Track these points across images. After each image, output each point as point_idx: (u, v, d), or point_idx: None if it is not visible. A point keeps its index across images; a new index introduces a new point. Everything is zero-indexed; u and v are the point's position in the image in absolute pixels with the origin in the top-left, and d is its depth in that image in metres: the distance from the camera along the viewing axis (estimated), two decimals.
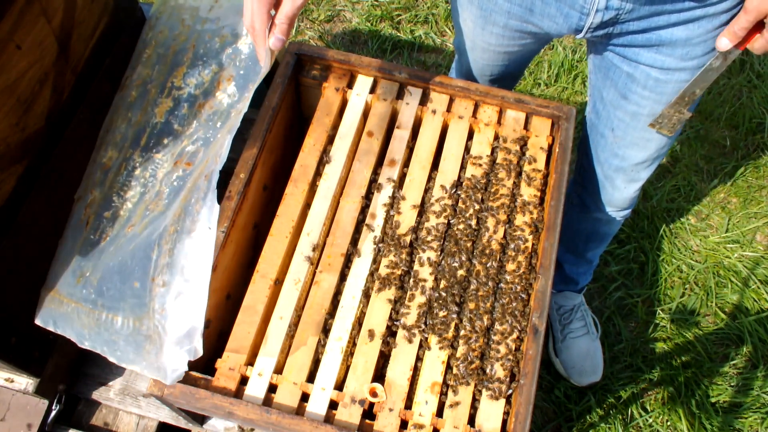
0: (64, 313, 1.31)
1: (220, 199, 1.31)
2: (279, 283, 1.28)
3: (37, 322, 1.32)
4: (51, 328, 1.32)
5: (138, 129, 1.46)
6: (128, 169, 1.44)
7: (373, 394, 1.18)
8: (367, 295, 1.28)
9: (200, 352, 1.14)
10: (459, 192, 1.37)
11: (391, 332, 1.25)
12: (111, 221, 1.40)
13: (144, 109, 1.47)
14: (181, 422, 1.47)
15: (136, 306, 1.22)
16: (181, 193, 1.31)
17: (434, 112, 1.45)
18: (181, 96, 1.48)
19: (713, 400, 2.14)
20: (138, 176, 1.43)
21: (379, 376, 1.23)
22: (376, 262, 1.31)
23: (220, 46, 1.53)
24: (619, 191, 1.63)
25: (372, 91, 1.47)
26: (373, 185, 1.38)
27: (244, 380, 1.20)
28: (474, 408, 1.19)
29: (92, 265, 1.34)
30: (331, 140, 1.42)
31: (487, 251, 1.31)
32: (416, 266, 1.30)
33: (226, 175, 1.31)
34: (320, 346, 1.23)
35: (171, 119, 1.46)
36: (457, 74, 1.79)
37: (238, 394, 1.19)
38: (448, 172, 1.39)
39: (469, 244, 1.32)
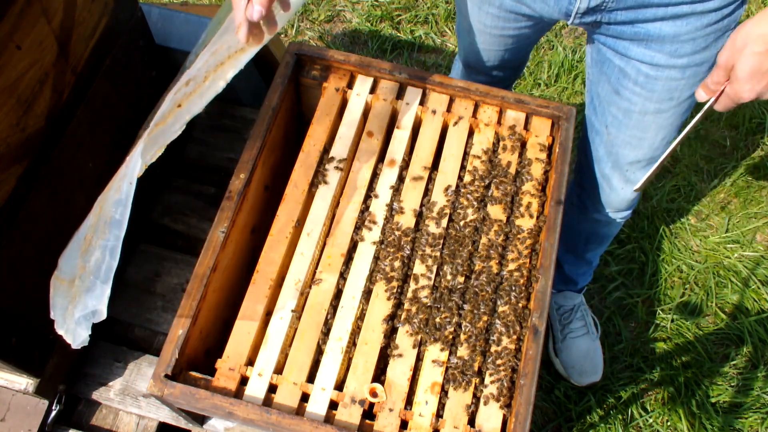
0: (51, 287, 1.30)
1: (220, 199, 1.31)
2: (279, 285, 1.28)
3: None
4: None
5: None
6: None
7: (373, 394, 1.18)
8: (367, 295, 1.28)
9: (103, 315, 1.12)
10: (459, 192, 1.37)
11: (391, 332, 1.25)
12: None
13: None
14: (181, 422, 1.46)
15: (72, 267, 1.21)
16: None
17: (434, 112, 1.45)
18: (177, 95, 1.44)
19: (713, 400, 2.14)
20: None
21: (379, 376, 1.23)
22: (376, 262, 1.31)
23: None
24: (616, 192, 1.63)
25: (372, 91, 1.47)
26: (373, 185, 1.38)
27: (244, 380, 1.21)
28: (474, 408, 1.19)
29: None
30: (331, 140, 1.42)
31: (488, 251, 1.31)
32: (416, 266, 1.30)
33: (226, 176, 1.31)
34: (320, 346, 1.23)
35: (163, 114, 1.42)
36: (458, 64, 1.80)
37: (238, 394, 1.19)
38: (448, 173, 1.39)
39: (469, 244, 1.32)
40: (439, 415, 1.18)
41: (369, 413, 1.19)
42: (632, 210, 1.75)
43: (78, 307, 1.14)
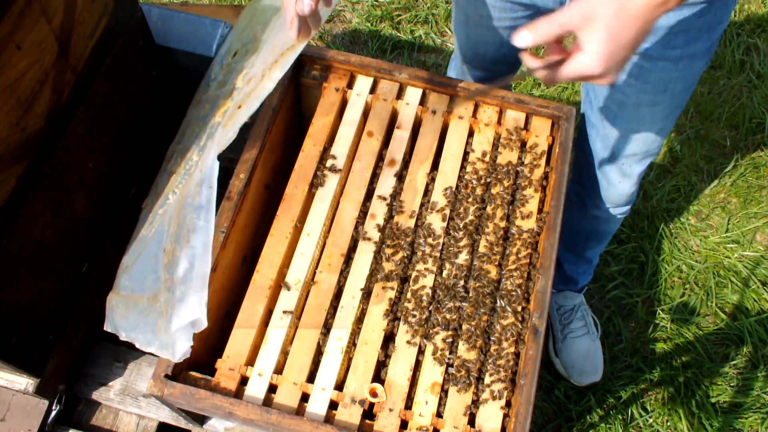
0: (113, 308, 1.30)
1: (219, 199, 1.31)
2: (279, 285, 1.28)
3: (105, 328, 1.31)
4: (111, 329, 1.29)
5: (201, 132, 1.46)
6: (186, 168, 1.42)
7: (373, 394, 1.18)
8: (367, 295, 1.28)
9: (205, 323, 1.13)
10: (459, 192, 1.37)
11: (391, 332, 1.25)
12: (162, 216, 1.38)
13: (213, 115, 1.46)
14: (181, 422, 1.46)
15: (153, 282, 1.21)
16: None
17: (434, 112, 1.45)
18: (238, 95, 1.45)
19: (713, 400, 2.14)
20: (193, 173, 1.40)
21: (379, 376, 1.23)
22: (376, 261, 1.31)
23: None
24: (614, 187, 1.64)
25: (372, 91, 1.47)
26: (373, 185, 1.38)
27: (244, 380, 1.21)
28: (474, 408, 1.19)
29: (136, 256, 1.34)
30: (331, 140, 1.42)
31: (487, 251, 1.31)
32: (416, 266, 1.30)
33: (226, 176, 1.31)
34: (320, 346, 1.23)
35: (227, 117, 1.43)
36: (455, 61, 1.80)
37: (238, 394, 1.19)
38: (448, 173, 1.39)
39: (469, 244, 1.31)
40: (439, 415, 1.18)
41: (369, 413, 1.19)
42: (631, 206, 1.75)
43: (173, 321, 1.13)
